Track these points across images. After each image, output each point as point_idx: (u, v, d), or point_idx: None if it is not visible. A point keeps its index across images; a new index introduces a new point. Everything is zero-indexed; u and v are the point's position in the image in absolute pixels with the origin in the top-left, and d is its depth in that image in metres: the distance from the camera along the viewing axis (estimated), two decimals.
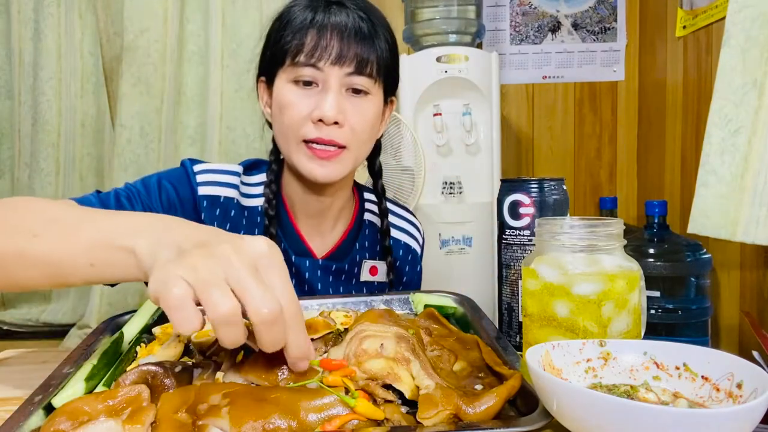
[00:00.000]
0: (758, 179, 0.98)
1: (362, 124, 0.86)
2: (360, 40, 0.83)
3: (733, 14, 1.02)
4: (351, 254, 0.98)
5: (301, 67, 0.83)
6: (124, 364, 0.58)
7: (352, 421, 0.45)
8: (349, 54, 0.82)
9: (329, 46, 0.82)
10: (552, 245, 0.59)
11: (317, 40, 0.82)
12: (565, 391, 0.41)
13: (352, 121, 0.84)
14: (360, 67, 0.83)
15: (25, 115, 1.88)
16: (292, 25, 0.85)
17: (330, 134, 0.83)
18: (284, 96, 0.85)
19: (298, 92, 0.84)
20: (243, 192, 0.94)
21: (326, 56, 0.82)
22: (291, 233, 0.94)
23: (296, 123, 0.84)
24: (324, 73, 0.83)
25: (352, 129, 0.85)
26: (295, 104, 0.84)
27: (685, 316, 1.31)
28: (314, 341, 0.60)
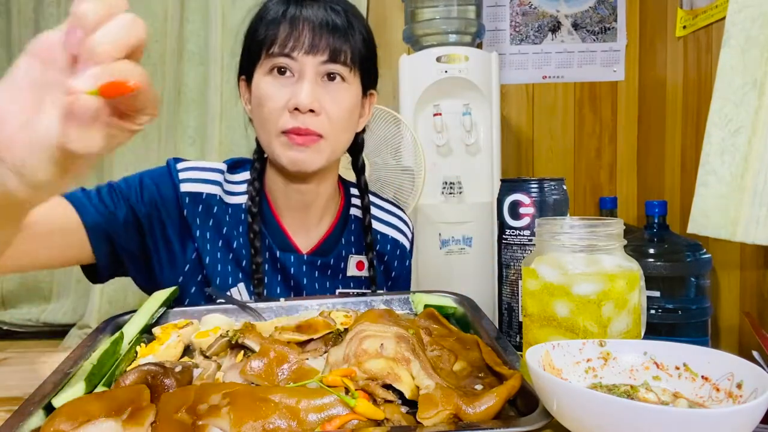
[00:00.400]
0: (758, 179, 0.98)
1: (338, 112, 0.86)
2: (333, 32, 0.84)
3: (733, 14, 1.02)
4: (337, 249, 0.98)
5: (276, 57, 0.84)
6: (124, 364, 0.58)
7: (352, 421, 0.45)
8: (322, 44, 0.84)
9: (302, 37, 0.83)
10: (552, 245, 0.59)
11: (290, 31, 0.84)
12: (565, 391, 0.41)
13: (329, 109, 0.85)
14: (334, 55, 0.84)
15: None
16: (265, 19, 0.86)
17: (306, 122, 0.84)
18: (261, 89, 0.86)
19: (274, 83, 0.85)
20: (227, 189, 0.95)
21: (299, 46, 0.83)
22: (275, 229, 0.95)
23: (274, 114, 0.85)
24: (298, 62, 0.84)
25: (329, 117, 0.85)
26: (271, 96, 0.85)
27: (685, 316, 1.31)
28: (314, 341, 0.60)
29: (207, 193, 0.92)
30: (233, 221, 0.93)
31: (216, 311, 0.74)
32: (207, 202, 0.92)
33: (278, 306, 0.76)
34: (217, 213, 0.92)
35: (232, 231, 0.93)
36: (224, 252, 0.91)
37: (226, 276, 0.91)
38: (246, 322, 0.67)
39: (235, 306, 0.76)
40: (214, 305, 0.77)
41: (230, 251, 0.92)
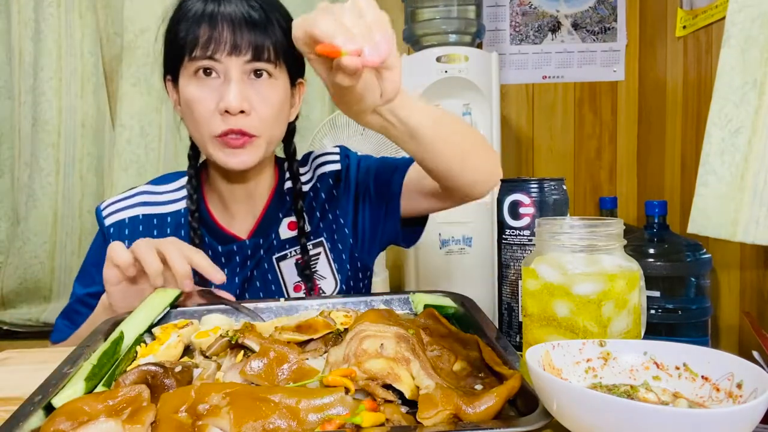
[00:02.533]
0: (758, 179, 0.98)
1: (268, 110, 0.86)
2: (253, 28, 0.84)
3: (733, 14, 1.02)
4: (275, 226, 0.99)
5: (199, 60, 0.84)
6: (124, 364, 0.58)
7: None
8: (243, 43, 0.83)
9: (222, 38, 0.83)
10: (552, 245, 0.59)
11: (210, 32, 0.83)
12: (565, 391, 0.41)
13: (259, 109, 0.85)
14: (257, 53, 0.84)
15: (25, 115, 1.88)
16: (185, 19, 0.86)
17: (237, 123, 0.84)
18: (189, 93, 0.86)
19: (201, 86, 0.85)
20: (157, 201, 0.98)
21: (221, 47, 0.83)
22: (210, 225, 0.97)
23: (204, 118, 0.85)
24: (223, 64, 0.84)
25: (260, 117, 0.86)
26: (199, 100, 0.85)
27: (685, 316, 1.31)
28: (314, 341, 0.60)
29: (129, 217, 0.96)
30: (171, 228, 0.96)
31: (216, 311, 0.74)
32: (131, 226, 0.95)
33: (278, 306, 0.76)
34: (143, 231, 0.95)
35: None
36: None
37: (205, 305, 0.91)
38: (246, 322, 0.67)
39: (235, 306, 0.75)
40: (214, 305, 0.77)
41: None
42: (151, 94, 1.80)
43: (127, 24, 1.77)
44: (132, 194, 1.00)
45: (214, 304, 0.77)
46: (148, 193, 0.99)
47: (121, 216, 0.96)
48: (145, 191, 1.00)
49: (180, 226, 0.97)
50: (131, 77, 1.78)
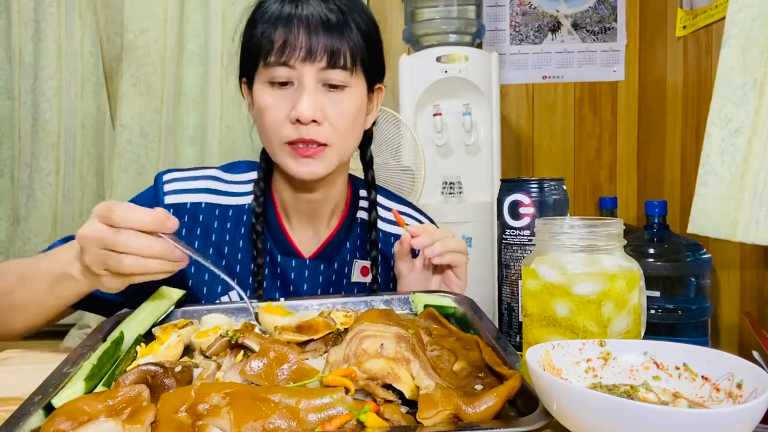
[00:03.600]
0: (758, 179, 0.98)
1: (342, 120, 0.84)
2: (328, 32, 0.81)
3: (733, 14, 1.02)
4: (341, 253, 0.95)
5: (273, 68, 0.82)
6: (124, 364, 0.58)
7: (352, 421, 0.44)
8: (318, 48, 0.80)
9: (297, 42, 0.80)
10: (552, 245, 0.59)
11: (285, 36, 0.80)
12: (565, 391, 0.41)
13: (332, 118, 0.83)
14: (332, 60, 0.81)
15: (25, 115, 1.88)
16: (261, 21, 0.83)
17: (309, 133, 0.81)
18: (262, 99, 0.84)
19: (274, 94, 0.83)
20: (224, 191, 0.92)
21: (296, 53, 0.80)
22: (277, 232, 0.93)
23: (275, 126, 0.83)
24: (297, 71, 0.81)
25: (333, 126, 0.83)
26: (272, 107, 0.83)
27: (685, 316, 1.31)
28: (314, 341, 0.60)
29: (191, 203, 0.90)
30: (231, 224, 0.91)
31: (216, 311, 0.74)
32: (192, 212, 0.90)
33: (278, 306, 0.75)
34: (203, 221, 0.90)
35: (224, 236, 0.90)
36: (213, 260, 0.89)
37: (214, 285, 0.89)
38: (246, 322, 0.67)
39: (236, 306, 0.75)
40: (214, 305, 0.77)
41: (221, 258, 0.90)
42: (151, 94, 1.79)
43: (127, 24, 1.77)
44: (200, 176, 0.93)
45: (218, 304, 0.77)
46: (216, 179, 0.94)
47: (184, 199, 0.90)
48: (214, 176, 0.94)
49: (241, 223, 0.92)
50: (131, 77, 1.78)
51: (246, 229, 0.91)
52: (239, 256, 0.90)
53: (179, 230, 0.86)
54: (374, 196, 0.97)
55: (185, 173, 0.93)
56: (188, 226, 0.89)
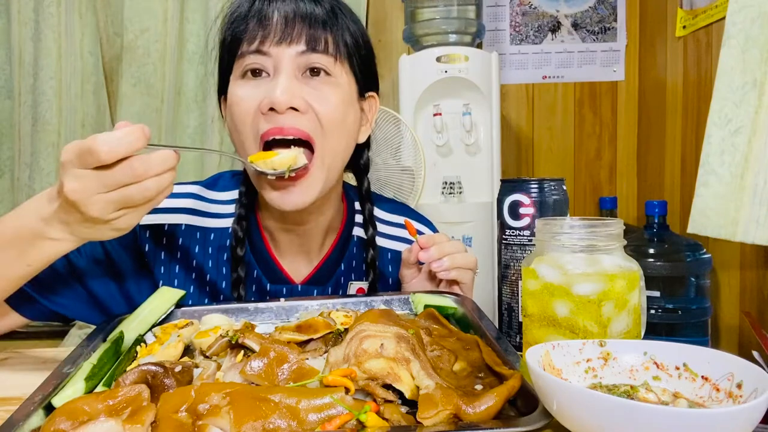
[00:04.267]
0: (758, 179, 0.98)
1: (328, 110, 0.72)
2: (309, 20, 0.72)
3: (733, 14, 1.02)
4: (335, 276, 0.88)
5: (245, 57, 0.72)
6: (124, 364, 0.58)
7: (352, 421, 0.45)
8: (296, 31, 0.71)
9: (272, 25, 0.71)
10: (552, 245, 0.59)
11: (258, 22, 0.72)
12: (565, 391, 0.41)
13: (316, 106, 0.72)
14: (312, 42, 0.72)
15: (25, 115, 1.88)
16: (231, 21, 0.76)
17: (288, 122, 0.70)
18: (232, 94, 0.74)
19: (246, 85, 0.73)
20: (206, 211, 0.84)
21: (270, 36, 0.71)
22: (265, 260, 0.84)
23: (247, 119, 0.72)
24: (272, 57, 0.72)
25: (317, 115, 0.72)
26: (243, 98, 0.72)
27: (685, 316, 1.31)
28: (314, 341, 0.60)
29: (169, 224, 0.82)
30: (213, 248, 0.83)
31: (216, 311, 0.74)
32: (170, 234, 0.82)
33: (278, 306, 0.75)
34: (183, 244, 0.82)
35: (207, 261, 0.83)
36: (196, 286, 0.83)
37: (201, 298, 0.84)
38: (246, 322, 0.67)
39: (236, 306, 0.75)
40: (214, 305, 0.77)
41: (204, 284, 0.83)
42: (151, 94, 1.80)
43: (127, 24, 1.77)
44: (181, 193, 0.84)
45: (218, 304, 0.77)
46: (198, 197, 0.84)
47: (161, 219, 0.81)
48: (196, 194, 0.84)
49: (223, 248, 0.83)
50: (131, 77, 1.78)
51: (228, 255, 0.83)
52: (223, 284, 0.83)
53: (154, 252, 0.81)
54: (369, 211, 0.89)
55: None
56: (167, 249, 0.82)
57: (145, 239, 0.82)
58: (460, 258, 0.78)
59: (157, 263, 0.82)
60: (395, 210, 0.97)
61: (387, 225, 0.94)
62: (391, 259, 0.92)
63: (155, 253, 0.82)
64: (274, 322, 0.74)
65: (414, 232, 0.82)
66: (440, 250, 0.77)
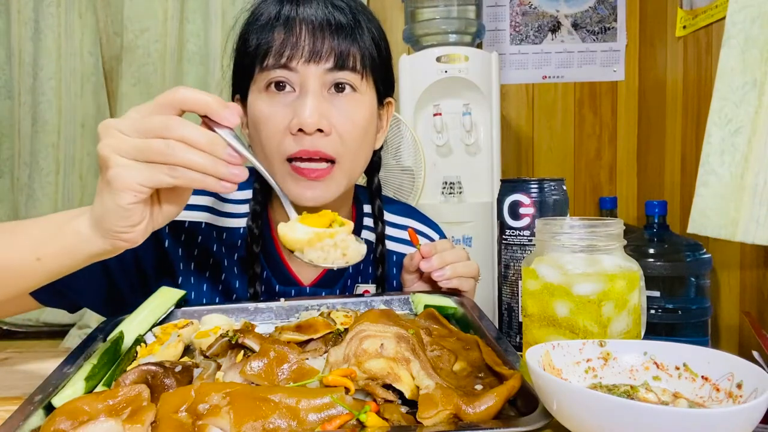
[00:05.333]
0: (758, 179, 0.98)
1: (352, 130, 0.74)
2: (336, 33, 0.72)
3: (733, 14, 1.02)
4: (342, 279, 0.89)
5: (271, 71, 0.72)
6: (124, 364, 0.58)
7: (352, 421, 0.45)
8: (325, 47, 0.71)
9: (300, 41, 0.70)
10: (552, 245, 0.59)
11: (285, 36, 0.71)
12: (565, 391, 0.41)
13: (340, 127, 0.73)
14: (340, 60, 0.72)
15: (25, 115, 1.88)
16: (256, 25, 0.74)
17: (315, 144, 0.72)
18: (257, 109, 0.74)
19: (272, 101, 0.73)
20: (220, 211, 0.84)
21: (298, 54, 0.70)
22: (275, 261, 0.85)
23: (274, 139, 0.73)
24: (299, 74, 0.72)
25: (341, 136, 0.73)
26: (270, 116, 0.73)
27: (685, 316, 1.31)
28: (314, 341, 0.60)
29: (190, 222, 0.82)
30: (226, 247, 0.84)
31: (216, 311, 0.74)
32: (189, 232, 0.82)
33: (278, 306, 0.75)
34: (202, 242, 0.83)
35: (222, 260, 0.84)
36: (210, 283, 0.84)
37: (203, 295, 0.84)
38: (246, 322, 0.67)
39: (236, 306, 0.75)
40: (215, 305, 0.77)
41: (219, 282, 0.84)
42: (151, 94, 1.80)
43: (127, 24, 1.77)
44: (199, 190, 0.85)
45: (218, 304, 0.77)
46: (217, 197, 0.85)
47: (182, 216, 0.80)
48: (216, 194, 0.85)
49: (234, 248, 0.83)
50: (131, 77, 1.78)
51: (240, 254, 0.84)
52: (236, 283, 0.84)
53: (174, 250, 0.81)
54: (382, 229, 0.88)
55: None
56: (185, 246, 0.83)
57: (166, 235, 0.82)
58: (462, 267, 0.78)
59: (177, 260, 0.83)
60: (402, 212, 0.98)
61: (393, 228, 0.95)
62: (396, 261, 0.93)
63: (175, 249, 0.82)
64: (274, 322, 0.74)
65: (416, 240, 0.81)
66: (442, 260, 0.77)
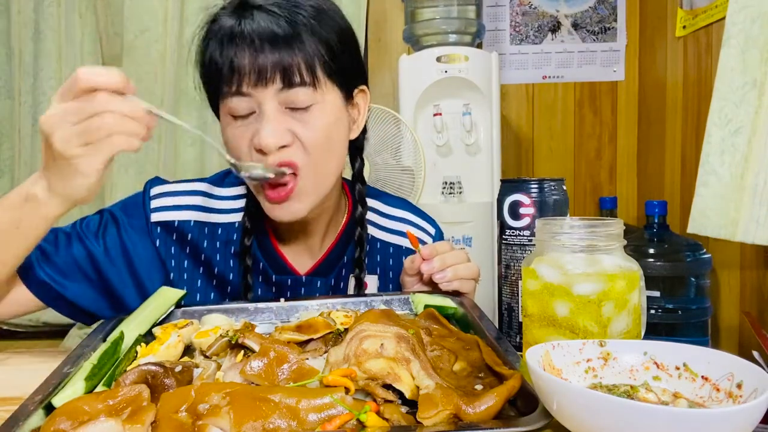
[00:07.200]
0: (758, 179, 0.98)
1: (314, 140, 0.75)
2: (276, 47, 0.72)
3: (733, 14, 1.02)
4: (337, 268, 0.91)
5: (229, 98, 0.75)
6: (124, 364, 0.58)
7: (352, 421, 0.45)
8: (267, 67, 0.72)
9: (244, 63, 0.73)
10: (552, 245, 0.59)
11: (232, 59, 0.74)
12: (565, 391, 0.41)
13: (302, 137, 0.75)
14: (287, 78, 0.73)
15: (25, 115, 1.87)
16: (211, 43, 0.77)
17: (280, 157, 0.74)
18: (224, 132, 0.79)
19: (236, 125, 0.76)
20: (214, 208, 0.88)
21: (246, 78, 0.73)
22: (270, 253, 0.88)
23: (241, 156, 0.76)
24: (253, 97, 0.74)
25: (304, 146, 0.75)
26: (233, 139, 0.77)
27: (685, 316, 1.31)
28: (314, 341, 0.60)
29: (179, 221, 0.85)
30: (220, 242, 0.87)
31: (216, 311, 0.74)
32: (180, 230, 0.85)
33: (278, 306, 0.76)
34: (192, 239, 0.86)
35: (215, 255, 0.87)
36: (204, 279, 0.87)
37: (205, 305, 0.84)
38: (246, 322, 0.67)
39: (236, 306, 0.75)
40: (215, 305, 0.77)
41: (212, 277, 0.87)
42: (152, 94, 1.79)
43: (127, 24, 1.77)
44: (190, 191, 0.88)
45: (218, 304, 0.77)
46: (206, 194, 0.88)
47: (172, 216, 0.85)
48: (204, 192, 0.88)
49: (231, 242, 0.87)
50: (131, 77, 1.76)
51: (236, 248, 0.87)
52: (231, 276, 0.87)
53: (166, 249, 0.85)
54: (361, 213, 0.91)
55: (174, 187, 0.88)
56: (176, 244, 0.85)
57: (157, 235, 0.85)
58: (463, 269, 0.79)
59: (169, 258, 0.86)
60: (399, 205, 1.00)
61: (389, 219, 0.97)
62: (393, 253, 0.94)
63: (167, 248, 0.86)
64: (274, 322, 0.74)
65: (416, 243, 0.81)
66: (443, 262, 0.78)
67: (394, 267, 0.93)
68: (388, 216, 0.97)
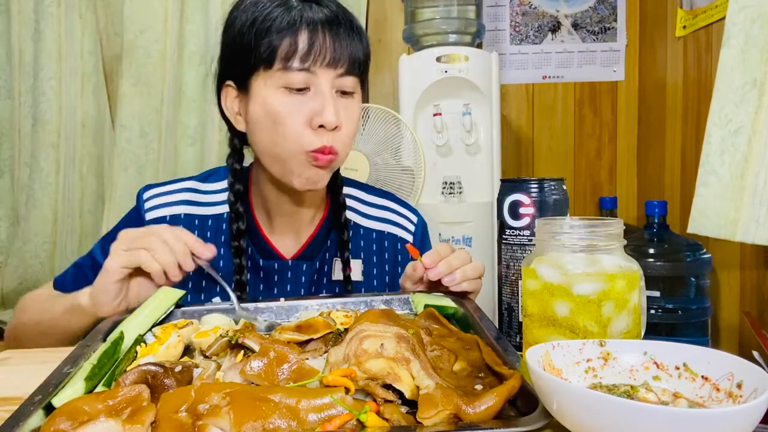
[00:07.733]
0: (758, 179, 0.98)
1: (352, 128, 0.84)
2: (349, 36, 0.80)
3: (733, 14, 1.02)
4: (322, 252, 0.95)
5: (293, 72, 0.78)
6: (124, 364, 0.58)
7: (352, 421, 0.44)
8: (343, 54, 0.79)
9: (323, 48, 0.78)
10: (552, 245, 0.59)
11: (309, 40, 0.77)
12: (565, 391, 0.41)
13: (345, 125, 0.82)
14: (351, 67, 0.80)
15: (25, 115, 1.87)
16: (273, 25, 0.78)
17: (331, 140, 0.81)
18: (275, 105, 0.80)
19: (292, 100, 0.80)
20: (201, 201, 0.93)
21: (321, 59, 0.78)
22: (257, 238, 0.93)
23: (295, 133, 0.80)
24: (316, 76, 0.79)
25: (345, 133, 0.83)
26: (290, 114, 0.79)
27: (685, 316, 1.31)
28: (314, 341, 0.60)
29: (170, 215, 0.91)
30: (210, 233, 0.92)
31: (216, 311, 0.74)
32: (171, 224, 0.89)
33: (278, 306, 0.75)
34: None
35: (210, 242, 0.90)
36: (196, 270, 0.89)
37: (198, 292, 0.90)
38: (246, 322, 0.67)
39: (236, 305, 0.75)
40: (215, 305, 0.77)
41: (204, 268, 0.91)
42: (151, 94, 1.79)
43: (127, 24, 1.77)
44: (177, 189, 0.94)
45: (218, 304, 0.77)
46: (193, 190, 0.95)
47: (163, 212, 0.91)
48: (191, 188, 0.95)
49: (220, 231, 0.93)
50: (131, 77, 1.78)
51: (226, 237, 0.92)
52: (221, 263, 0.91)
53: None
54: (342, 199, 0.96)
55: (163, 187, 0.94)
56: None
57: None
58: (470, 269, 0.80)
59: None
60: (381, 194, 1.06)
61: (371, 207, 1.02)
62: (376, 238, 0.99)
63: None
64: (274, 322, 0.74)
65: (417, 254, 0.82)
66: (449, 265, 0.79)
67: (377, 252, 0.98)
68: (370, 204, 1.02)
